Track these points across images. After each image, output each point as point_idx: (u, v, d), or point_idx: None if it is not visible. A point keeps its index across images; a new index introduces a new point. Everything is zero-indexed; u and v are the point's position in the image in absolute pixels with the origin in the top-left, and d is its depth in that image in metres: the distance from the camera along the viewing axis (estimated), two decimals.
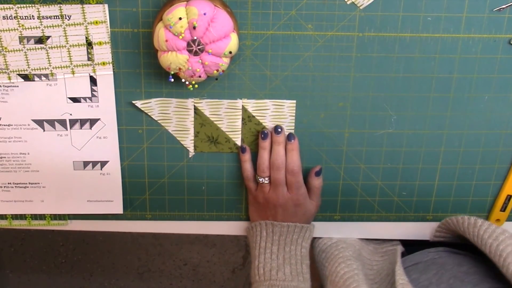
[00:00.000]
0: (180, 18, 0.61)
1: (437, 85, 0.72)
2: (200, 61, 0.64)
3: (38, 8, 0.66)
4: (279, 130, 0.73)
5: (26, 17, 0.66)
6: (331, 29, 0.69)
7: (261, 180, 0.74)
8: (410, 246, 0.80)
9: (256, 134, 0.74)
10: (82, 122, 0.72)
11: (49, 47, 0.68)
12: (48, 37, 0.68)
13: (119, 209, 0.78)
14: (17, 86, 0.70)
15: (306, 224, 0.75)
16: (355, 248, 0.79)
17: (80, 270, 1.80)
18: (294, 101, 0.73)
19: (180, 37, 0.62)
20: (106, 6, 0.67)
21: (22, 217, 0.79)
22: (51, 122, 0.72)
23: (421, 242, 0.81)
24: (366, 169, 0.77)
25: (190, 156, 0.76)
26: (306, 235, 0.75)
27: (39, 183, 0.76)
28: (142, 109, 0.72)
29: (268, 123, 0.74)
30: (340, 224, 0.80)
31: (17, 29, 0.67)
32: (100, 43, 0.68)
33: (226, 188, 0.78)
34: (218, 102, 0.73)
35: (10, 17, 0.66)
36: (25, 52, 0.68)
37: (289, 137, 0.73)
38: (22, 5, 0.66)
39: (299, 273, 0.72)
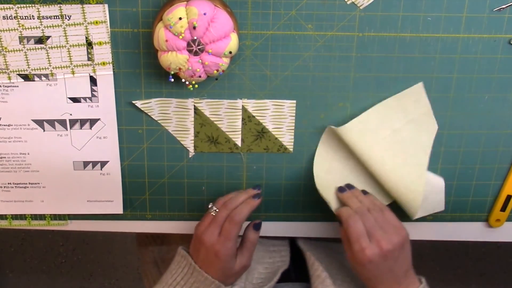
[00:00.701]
0: (180, 18, 0.61)
1: (437, 85, 0.72)
2: (200, 61, 0.64)
3: (38, 8, 0.66)
4: (257, 189, 0.73)
5: (26, 17, 0.67)
6: (331, 29, 0.69)
7: (211, 206, 0.72)
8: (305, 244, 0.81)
9: (256, 134, 0.74)
10: (82, 122, 0.72)
11: (49, 47, 0.68)
12: (48, 37, 0.68)
13: (119, 209, 0.78)
14: (17, 86, 0.70)
15: (224, 285, 0.69)
16: None
17: (80, 270, 1.80)
18: (294, 101, 0.73)
19: (180, 37, 0.62)
20: (106, 6, 0.67)
21: (22, 217, 0.79)
22: (51, 122, 0.72)
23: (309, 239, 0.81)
24: None
25: (190, 156, 0.76)
26: None
27: (39, 183, 0.76)
28: (142, 109, 0.72)
29: (268, 123, 0.74)
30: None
31: (17, 29, 0.67)
32: (100, 43, 0.68)
33: (226, 188, 0.78)
34: (218, 102, 0.73)
35: (10, 17, 0.66)
36: (25, 52, 0.68)
37: (255, 195, 0.72)
38: (22, 5, 0.66)
39: None
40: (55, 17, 0.67)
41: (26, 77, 0.70)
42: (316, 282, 0.72)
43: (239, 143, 0.75)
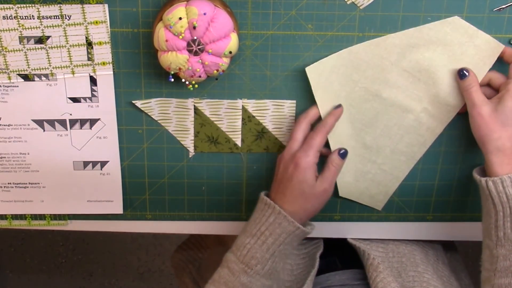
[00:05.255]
0: (180, 18, 0.61)
1: None
2: (200, 61, 0.64)
3: (38, 8, 0.66)
4: None
5: (26, 17, 0.67)
6: (331, 29, 0.69)
7: None
8: (333, 248, 0.80)
9: (256, 134, 0.74)
10: (82, 122, 0.72)
11: (49, 47, 0.68)
12: (48, 37, 0.68)
13: (119, 209, 0.78)
14: (17, 86, 0.70)
15: (304, 228, 0.69)
16: None
17: (80, 270, 1.80)
18: (294, 101, 0.73)
19: (180, 37, 0.62)
20: (106, 6, 0.67)
21: (22, 217, 0.79)
22: (51, 122, 0.72)
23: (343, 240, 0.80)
24: None
25: (190, 156, 0.76)
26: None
27: (39, 183, 0.76)
28: (142, 109, 0.72)
29: (268, 123, 0.74)
30: (340, 224, 0.80)
31: (17, 29, 0.67)
32: (100, 43, 0.69)
33: (226, 188, 0.78)
34: (218, 102, 0.73)
35: (10, 17, 0.66)
36: (25, 52, 0.68)
37: (337, 106, 0.71)
38: (22, 5, 0.66)
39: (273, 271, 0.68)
40: (55, 17, 0.67)
41: (26, 77, 0.70)
42: (370, 270, 0.71)
43: (239, 143, 0.75)
